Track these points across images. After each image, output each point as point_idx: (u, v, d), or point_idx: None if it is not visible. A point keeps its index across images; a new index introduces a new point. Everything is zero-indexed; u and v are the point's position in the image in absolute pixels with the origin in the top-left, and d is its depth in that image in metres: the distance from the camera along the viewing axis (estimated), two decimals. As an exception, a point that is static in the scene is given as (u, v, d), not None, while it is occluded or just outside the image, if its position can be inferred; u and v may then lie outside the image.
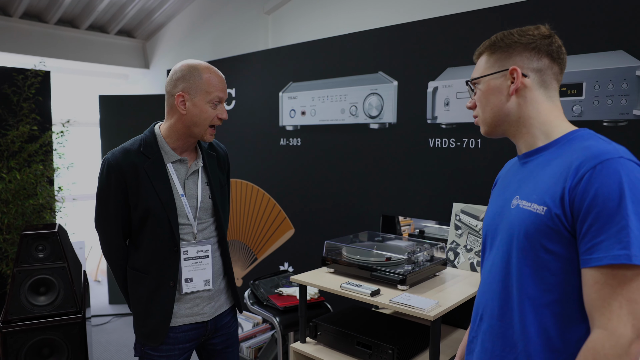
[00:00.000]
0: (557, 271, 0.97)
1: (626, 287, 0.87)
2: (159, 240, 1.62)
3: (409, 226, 3.01)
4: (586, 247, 0.91)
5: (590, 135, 1.03)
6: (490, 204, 1.23)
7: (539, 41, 1.09)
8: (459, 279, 2.22)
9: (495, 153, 2.41)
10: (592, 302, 0.90)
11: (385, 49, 2.82)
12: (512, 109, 1.10)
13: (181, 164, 1.68)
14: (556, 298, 0.97)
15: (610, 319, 0.87)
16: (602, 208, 0.89)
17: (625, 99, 2.04)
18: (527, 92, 1.09)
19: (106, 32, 4.97)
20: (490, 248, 1.16)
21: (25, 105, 4.01)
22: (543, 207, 0.98)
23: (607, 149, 0.94)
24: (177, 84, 1.60)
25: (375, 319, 2.28)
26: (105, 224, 1.66)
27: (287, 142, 3.41)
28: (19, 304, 2.28)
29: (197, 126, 1.61)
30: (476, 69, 1.19)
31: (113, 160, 1.60)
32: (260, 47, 4.04)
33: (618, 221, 0.87)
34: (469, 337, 1.21)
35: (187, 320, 1.67)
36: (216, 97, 1.60)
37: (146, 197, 1.59)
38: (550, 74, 1.10)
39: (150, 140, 1.65)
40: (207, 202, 1.71)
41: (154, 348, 1.66)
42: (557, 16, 2.20)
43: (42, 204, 3.94)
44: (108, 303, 4.77)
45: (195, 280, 1.67)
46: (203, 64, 1.63)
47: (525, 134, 1.10)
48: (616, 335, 0.86)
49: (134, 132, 4.72)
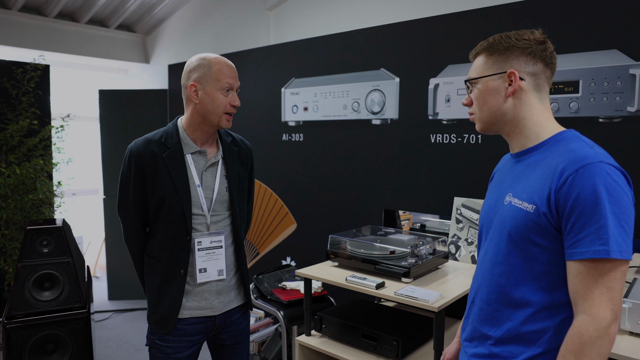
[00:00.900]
0: (544, 262, 1.09)
1: (605, 277, 1.00)
2: (172, 229, 1.66)
3: (407, 220, 3.05)
4: (570, 242, 1.04)
5: (575, 138, 1.13)
6: (486, 197, 1.33)
7: (534, 46, 1.17)
8: (460, 272, 2.26)
9: (495, 148, 2.45)
10: (577, 290, 1.03)
11: (388, 46, 2.85)
12: (508, 109, 1.18)
13: (200, 155, 1.72)
14: (543, 285, 1.10)
15: (593, 305, 1.00)
16: (583, 208, 1.01)
17: (619, 96, 2.10)
18: (523, 94, 1.17)
19: (106, 27, 4.95)
20: (485, 238, 1.27)
21: (25, 99, 4.00)
22: (532, 205, 1.09)
23: (589, 153, 1.05)
24: (190, 76, 1.67)
25: (378, 312, 2.32)
26: (125, 211, 1.72)
27: (290, 137, 3.44)
28: (24, 299, 2.28)
29: (211, 114, 1.66)
30: (474, 68, 1.26)
31: (135, 149, 1.67)
32: (261, 44, 4.05)
33: (597, 219, 1.00)
34: (464, 316, 1.33)
35: (195, 313, 1.70)
36: (226, 83, 1.65)
37: (162, 185, 1.64)
38: (543, 78, 1.18)
39: (172, 131, 1.70)
40: (224, 195, 1.74)
41: (163, 338, 1.69)
42: (555, 16, 2.25)
43: (42, 198, 3.94)
44: (107, 299, 4.78)
45: (209, 270, 1.70)
46: (213, 55, 1.69)
47: (519, 134, 1.20)
48: (598, 319, 0.99)
49: (134, 127, 4.76)
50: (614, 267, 0.99)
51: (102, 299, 4.79)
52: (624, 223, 1.01)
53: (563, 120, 2.23)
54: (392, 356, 2.00)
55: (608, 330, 0.99)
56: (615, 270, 0.99)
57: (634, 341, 1.40)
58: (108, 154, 4.65)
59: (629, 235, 1.02)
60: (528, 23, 2.32)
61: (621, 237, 1.00)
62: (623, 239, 1.00)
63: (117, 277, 4.74)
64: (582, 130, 2.13)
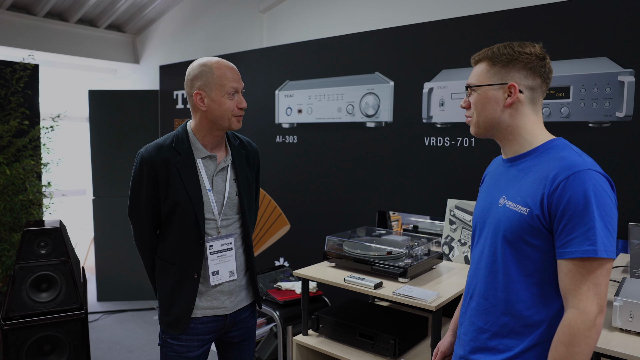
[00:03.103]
0: (537, 260, 1.18)
1: (593, 274, 1.09)
2: (185, 233, 1.68)
3: (397, 221, 3.10)
4: (561, 242, 1.13)
5: (565, 146, 1.21)
6: (479, 199, 1.40)
7: (535, 62, 1.23)
8: (454, 272, 2.31)
9: (487, 151, 2.52)
10: (566, 287, 1.12)
11: (382, 51, 2.90)
12: (504, 118, 1.26)
13: (211, 160, 1.73)
14: (535, 281, 1.19)
15: (581, 300, 1.10)
16: (573, 211, 1.10)
17: (608, 102, 2.18)
18: (520, 105, 1.24)
19: (96, 26, 4.92)
20: (479, 237, 1.35)
21: (14, 99, 3.95)
22: (526, 208, 1.18)
23: (579, 161, 1.14)
24: (193, 84, 1.67)
25: (374, 311, 2.36)
26: (136, 215, 1.73)
27: (284, 139, 3.47)
28: (21, 300, 2.28)
29: (221, 119, 1.67)
30: (475, 74, 1.31)
31: (146, 155, 1.67)
32: (255, 46, 4.07)
33: (586, 222, 1.09)
34: (461, 312, 1.40)
35: (207, 313, 1.73)
36: (231, 88, 1.66)
37: (175, 190, 1.65)
38: (539, 92, 1.26)
39: (182, 136, 1.71)
40: (234, 199, 1.76)
41: (175, 337, 1.71)
42: (546, 24, 2.32)
43: (31, 199, 3.90)
44: (96, 300, 4.74)
45: (221, 273, 1.73)
46: (214, 59, 1.69)
47: (512, 140, 1.28)
48: (585, 313, 1.09)
49: (124, 127, 4.72)
50: (600, 265, 1.09)
51: (91, 300, 4.74)
52: (609, 225, 1.11)
53: (554, 125, 2.30)
54: (389, 354, 2.05)
55: (595, 322, 1.08)
56: (601, 268, 1.09)
57: (625, 338, 1.47)
58: (98, 154, 4.61)
59: (613, 236, 1.12)
60: (520, 31, 2.39)
61: (607, 238, 1.09)
62: (608, 239, 1.10)
63: (106, 278, 4.71)
64: (573, 135, 2.23)
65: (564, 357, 1.09)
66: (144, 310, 4.50)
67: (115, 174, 4.59)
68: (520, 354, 1.20)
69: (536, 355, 1.18)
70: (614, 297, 1.52)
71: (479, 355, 1.28)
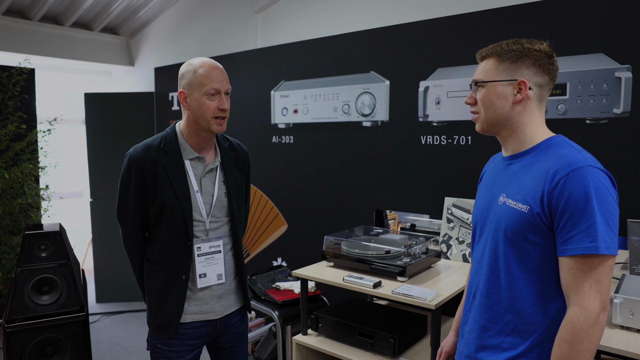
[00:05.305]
0: (538, 257, 1.18)
1: (594, 271, 1.09)
2: (174, 235, 1.67)
3: (393, 220, 3.12)
4: (562, 240, 1.12)
5: (564, 143, 1.21)
6: (479, 197, 1.39)
7: (544, 59, 1.23)
8: (452, 270, 2.33)
9: (484, 149, 2.53)
10: (568, 284, 1.11)
11: (378, 50, 2.91)
12: (512, 115, 1.25)
13: (199, 161, 1.72)
14: (536, 279, 1.18)
15: (583, 297, 1.09)
16: (574, 208, 1.09)
17: (605, 99, 2.19)
18: (528, 102, 1.24)
19: (90, 30, 4.91)
20: (480, 236, 1.34)
21: (11, 103, 3.96)
22: (526, 206, 1.17)
23: (578, 158, 1.13)
24: (180, 83, 1.68)
25: (372, 310, 2.38)
26: (124, 216, 1.72)
27: (280, 139, 3.47)
28: (23, 303, 2.30)
29: (200, 119, 1.66)
30: (482, 70, 1.29)
31: (134, 156, 1.66)
32: (249, 47, 4.07)
33: (587, 219, 1.08)
34: (464, 310, 1.40)
35: (197, 318, 1.72)
36: (211, 89, 1.63)
37: (163, 192, 1.64)
38: (546, 90, 1.26)
39: (171, 137, 1.71)
40: (223, 201, 1.75)
41: (165, 342, 1.70)
42: (543, 20, 2.33)
43: (30, 202, 3.91)
44: (95, 302, 4.75)
45: (209, 275, 1.71)
46: (199, 59, 1.68)
47: (515, 138, 1.27)
48: (588, 310, 1.08)
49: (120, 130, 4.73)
50: (602, 262, 1.08)
51: (90, 302, 4.75)
52: (610, 222, 1.10)
53: (551, 122, 2.31)
54: (389, 353, 2.06)
55: (597, 319, 1.07)
56: (603, 265, 1.08)
57: (626, 335, 1.48)
58: (94, 157, 4.62)
59: (615, 233, 1.11)
60: (516, 28, 2.40)
61: (608, 235, 1.09)
62: (610, 236, 1.09)
63: (104, 279, 4.72)
64: (570, 131, 2.24)
65: (567, 355, 1.09)
66: (142, 311, 4.50)
67: (112, 176, 4.59)
68: (525, 353, 1.19)
69: (540, 353, 1.18)
70: (614, 294, 1.53)
71: (484, 353, 1.28)
